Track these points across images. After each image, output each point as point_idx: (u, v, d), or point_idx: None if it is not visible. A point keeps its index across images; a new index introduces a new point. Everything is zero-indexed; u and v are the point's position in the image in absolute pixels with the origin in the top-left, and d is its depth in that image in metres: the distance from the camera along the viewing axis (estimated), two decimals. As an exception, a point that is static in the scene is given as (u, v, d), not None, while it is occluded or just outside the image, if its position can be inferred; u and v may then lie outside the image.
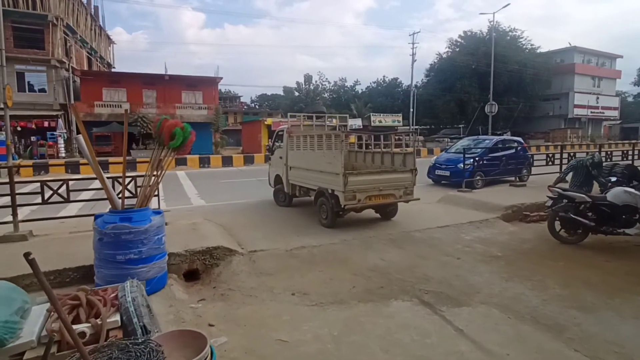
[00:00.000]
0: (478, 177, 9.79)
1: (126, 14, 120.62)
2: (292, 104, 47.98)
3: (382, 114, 36.31)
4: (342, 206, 5.80)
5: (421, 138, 33.37)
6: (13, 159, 19.76)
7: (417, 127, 37.70)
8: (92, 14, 35.24)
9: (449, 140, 33.25)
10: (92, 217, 5.95)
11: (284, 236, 5.63)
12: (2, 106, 14.53)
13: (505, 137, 11.90)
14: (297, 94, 49.57)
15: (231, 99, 52.86)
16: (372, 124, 34.14)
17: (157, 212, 4.03)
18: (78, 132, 3.79)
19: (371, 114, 35.58)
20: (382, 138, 7.70)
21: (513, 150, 10.91)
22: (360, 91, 57.22)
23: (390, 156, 7.29)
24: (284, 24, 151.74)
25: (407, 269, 4.44)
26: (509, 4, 27.60)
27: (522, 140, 12.01)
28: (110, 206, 3.97)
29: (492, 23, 39.20)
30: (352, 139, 9.63)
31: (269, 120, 27.53)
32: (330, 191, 6.08)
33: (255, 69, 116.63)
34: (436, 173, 10.95)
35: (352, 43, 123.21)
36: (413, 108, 34.04)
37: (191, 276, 4.55)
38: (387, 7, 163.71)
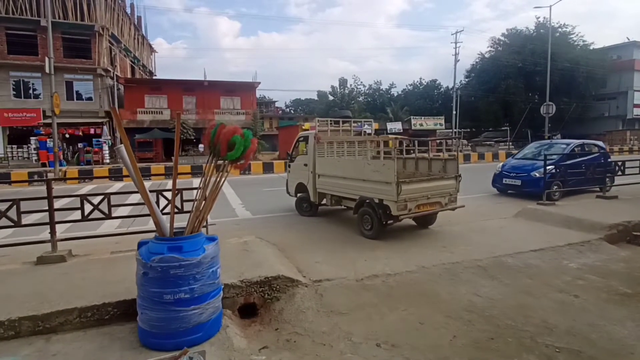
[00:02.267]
0: (555, 188, 8.53)
1: (167, 25, 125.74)
2: (327, 108, 47.36)
3: (422, 117, 34.82)
4: (395, 216, 5.59)
5: (465, 142, 31.67)
6: (61, 165, 20.36)
7: (459, 130, 35.87)
8: (136, 24, 36.37)
9: (501, 143, 31.23)
10: (135, 235, 5.52)
11: (348, 259, 4.82)
12: (50, 114, 14.84)
13: (584, 141, 10.44)
14: (331, 98, 48.85)
15: (266, 104, 53.06)
16: (413, 127, 32.76)
17: (211, 238, 3.32)
18: (121, 142, 3.16)
19: (412, 117, 34.16)
20: (424, 143, 7.13)
21: (594, 156, 9.53)
22: (395, 94, 55.81)
23: (427, 162, 7.00)
24: (317, 29, 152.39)
25: (515, 311, 3.50)
26: (566, -4, 25.36)
27: (603, 145, 10.55)
28: (156, 230, 3.31)
29: (539, 19, 37.09)
30: (391, 144, 8.89)
31: (306, 125, 27.03)
32: (377, 201, 5.85)
33: (288, 74, 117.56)
34: (504, 182, 9.75)
35: (385, 46, 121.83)
36: (456, 110, 32.39)
37: (247, 310, 3.83)
38: (420, 9, 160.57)
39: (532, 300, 3.71)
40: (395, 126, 32.01)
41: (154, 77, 39.97)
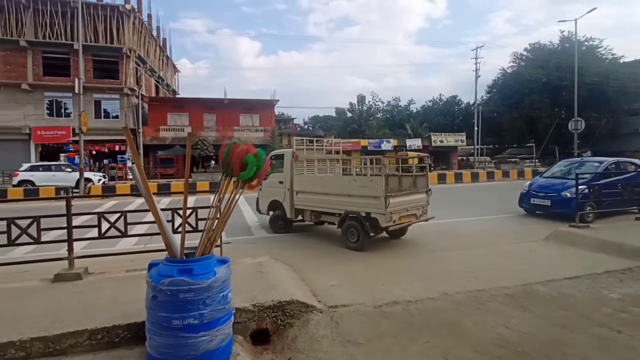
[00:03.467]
0: (589, 209, 8.05)
1: (191, 46, 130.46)
2: (345, 124, 47.43)
3: (443, 134, 34.27)
4: (380, 228, 6.18)
5: (488, 159, 30.89)
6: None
7: (481, 146, 35.11)
8: (161, 45, 37.83)
9: (527, 160, 30.27)
10: (150, 253, 5.50)
11: (366, 283, 4.60)
12: (78, 132, 15.37)
13: (618, 159, 9.89)
14: (349, 114, 48.93)
15: (285, 121, 53.64)
16: (433, 144, 32.28)
17: (223, 260, 3.19)
18: (133, 162, 3.11)
19: (431, 133, 33.68)
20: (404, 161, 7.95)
21: (631, 175, 8.99)
22: (414, 110, 55.47)
23: (398, 178, 7.65)
24: (335, 47, 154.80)
25: (550, 347, 3.19)
26: (595, 8, 24.81)
27: (640, 163, 9.95)
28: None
29: (564, 32, 36.32)
30: (389, 161, 9.05)
31: (325, 142, 27.14)
32: (364, 214, 6.29)
33: (307, 91, 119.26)
34: (531, 202, 9.31)
35: (403, 63, 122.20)
36: (478, 127, 31.83)
37: (259, 337, 3.66)
38: (439, 27, 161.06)
39: (569, 335, 3.39)
40: (415, 143, 31.66)
41: (177, 96, 41.21)
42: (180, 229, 4.57)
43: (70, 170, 19.45)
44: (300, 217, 7.87)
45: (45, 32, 26.75)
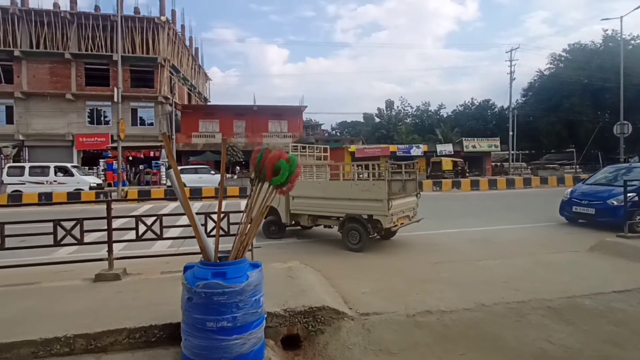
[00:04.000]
0: (639, 218, 7.53)
1: (221, 55, 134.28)
2: (373, 130, 47.19)
3: (475, 139, 33.23)
4: (381, 229, 6.63)
5: (524, 165, 29.71)
6: (123, 185, 21.98)
7: (516, 152, 33.82)
8: (193, 54, 39.17)
9: (567, 166, 28.89)
10: (183, 256, 5.64)
11: (398, 291, 4.49)
12: (116, 139, 16.13)
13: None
14: (377, 120, 48.64)
15: (312, 127, 54.07)
16: (465, 149, 31.40)
17: (255, 264, 3.21)
18: (169, 167, 3.21)
19: (463, 138, 32.76)
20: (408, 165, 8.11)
21: (685, 182, 8.35)
22: (445, 115, 54.31)
23: (399, 183, 7.95)
24: (362, 53, 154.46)
25: (600, 366, 2.98)
26: (640, 6, 23.45)
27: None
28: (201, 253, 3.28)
29: (607, 31, 34.55)
30: (383, 167, 9.81)
31: (352, 147, 27.01)
32: (366, 216, 6.70)
33: (334, 97, 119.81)
34: (573, 210, 8.83)
35: (432, 67, 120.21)
36: (513, 131, 30.71)
37: (290, 342, 3.65)
38: (470, 29, 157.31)
39: (619, 352, 3.16)
40: (446, 148, 30.96)
41: (208, 104, 42.45)
42: (212, 233, 4.69)
43: (214, 172, 21.93)
44: (293, 222, 7.99)
45: (88, 44, 28.37)
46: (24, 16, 27.69)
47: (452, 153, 29.68)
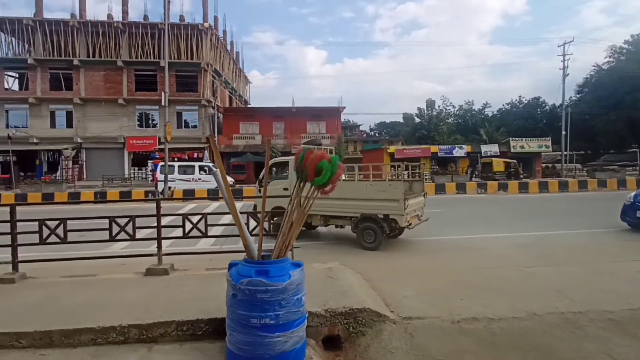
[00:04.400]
0: None
1: (261, 59, 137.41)
2: (413, 130, 46.20)
3: (524, 139, 31.28)
4: (396, 228, 6.99)
5: (579, 166, 27.79)
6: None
7: (569, 152, 31.68)
8: (234, 58, 40.38)
9: (629, 168, 26.69)
10: (227, 254, 5.82)
11: (441, 296, 4.35)
12: (163, 141, 16.97)
13: None
14: (418, 120, 47.57)
15: (351, 128, 53.85)
16: (512, 149, 29.63)
17: (297, 264, 3.24)
18: (216, 166, 3.32)
19: (510, 139, 30.97)
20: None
21: None
22: (490, 114, 52.03)
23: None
24: (402, 52, 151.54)
25: (669, 385, 2.71)
26: None
27: None
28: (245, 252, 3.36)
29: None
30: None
31: (391, 148, 26.62)
32: (381, 216, 7.00)
33: (373, 98, 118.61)
34: (637, 215, 8.14)
35: (476, 64, 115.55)
36: (566, 130, 28.84)
37: (331, 342, 3.65)
38: (517, 24, 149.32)
39: (693, 372, 2.87)
40: (491, 149, 29.54)
41: (248, 106, 43.58)
42: (254, 232, 4.80)
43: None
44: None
45: (138, 52, 30.12)
46: (81, 28, 29.90)
47: (499, 154, 28.25)
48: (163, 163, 18.45)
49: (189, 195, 18.71)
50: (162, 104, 17.68)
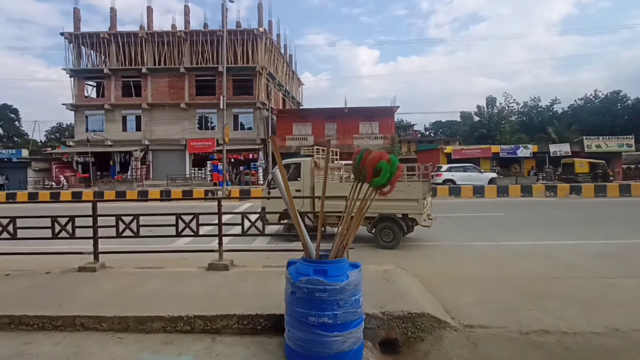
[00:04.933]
0: None
1: (313, 60, 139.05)
2: (472, 130, 43.95)
3: (601, 137, 28.21)
4: (412, 226, 7.50)
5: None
6: (227, 184, 24.24)
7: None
8: (287, 61, 41.29)
9: None
10: (282, 252, 5.97)
11: (507, 305, 4.09)
12: (222, 142, 17.81)
13: None
14: (477, 118, 45.21)
15: (404, 128, 52.59)
16: (587, 149, 26.97)
17: (355, 265, 3.23)
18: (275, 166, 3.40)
19: (584, 137, 28.10)
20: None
21: None
22: (559, 111, 47.74)
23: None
24: (459, 48, 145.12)
25: None
26: None
27: None
28: (303, 251, 3.41)
29: None
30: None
31: (448, 148, 25.57)
32: (400, 215, 7.30)
33: (428, 96, 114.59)
34: None
35: (543, 57, 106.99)
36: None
37: (388, 346, 3.58)
38: (592, 11, 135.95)
39: None
40: (561, 148, 27.08)
41: (301, 107, 44.32)
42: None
43: (482, 171, 22.84)
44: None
45: (198, 58, 31.94)
46: (149, 38, 32.35)
47: (570, 154, 25.88)
48: (220, 163, 19.40)
49: (244, 194, 19.48)
50: (221, 107, 18.59)
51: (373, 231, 7.54)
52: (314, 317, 2.94)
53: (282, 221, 8.07)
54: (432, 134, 61.43)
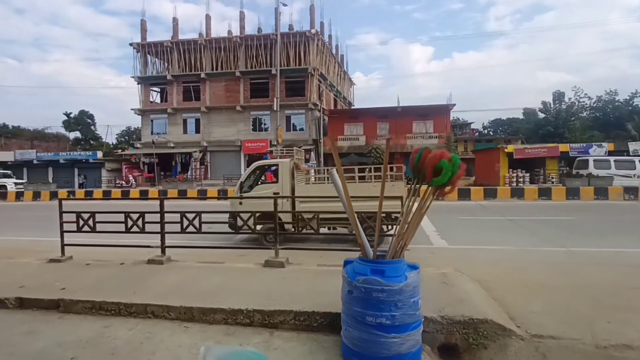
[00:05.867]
0: None
1: (364, 60, 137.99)
2: (536, 127, 40.91)
3: (691, 133, 25.01)
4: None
5: None
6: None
7: None
8: (339, 61, 41.37)
9: None
10: (336, 252, 6.02)
11: (580, 316, 3.75)
12: (275, 144, 18.30)
13: None
14: (542, 115, 41.99)
15: (460, 127, 50.23)
16: (675, 147, 23.83)
17: (413, 266, 3.16)
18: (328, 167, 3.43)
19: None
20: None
21: None
22: (640, 105, 42.69)
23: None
24: (522, 41, 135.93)
25: None
26: None
27: None
28: (360, 250, 3.40)
29: None
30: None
31: (509, 147, 23.99)
32: (384, 215, 6.96)
33: (486, 93, 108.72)
34: None
35: (620, 47, 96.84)
36: None
37: (447, 351, 3.46)
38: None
39: None
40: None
41: (352, 107, 44.19)
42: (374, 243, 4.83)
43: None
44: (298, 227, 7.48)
45: (252, 62, 33.11)
46: (207, 45, 34.15)
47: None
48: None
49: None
50: (275, 108, 19.12)
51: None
52: (372, 317, 2.93)
53: (260, 225, 6.97)
54: (490, 133, 58.13)
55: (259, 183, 8.93)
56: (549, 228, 9.76)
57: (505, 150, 23.54)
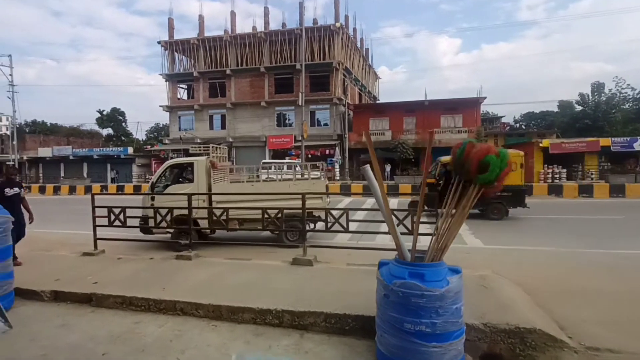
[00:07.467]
0: None
1: (389, 53, 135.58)
2: (572, 121, 38.80)
3: None
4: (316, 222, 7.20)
5: None
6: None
7: None
8: (364, 55, 40.76)
9: None
10: (367, 249, 5.81)
11: (638, 322, 3.42)
12: (300, 139, 18.20)
13: None
14: (579, 108, 39.84)
15: (490, 120, 48.41)
16: None
17: (455, 270, 2.93)
18: (365, 163, 3.23)
19: None
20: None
21: None
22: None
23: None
24: (556, 30, 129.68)
25: None
26: None
27: None
28: (396, 251, 3.20)
29: None
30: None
31: (544, 142, 22.87)
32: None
33: (517, 85, 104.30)
34: None
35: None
36: None
37: (490, 361, 3.21)
38: None
39: None
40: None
41: (377, 102, 43.51)
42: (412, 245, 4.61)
43: None
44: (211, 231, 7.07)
45: (277, 58, 33.09)
46: (232, 41, 34.38)
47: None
48: (299, 159, 19.86)
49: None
50: (300, 104, 18.99)
51: (276, 232, 7.09)
52: (410, 324, 2.73)
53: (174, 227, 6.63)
54: (522, 127, 55.79)
55: (179, 182, 8.05)
56: (593, 228, 9.16)
57: (540, 144, 22.45)
